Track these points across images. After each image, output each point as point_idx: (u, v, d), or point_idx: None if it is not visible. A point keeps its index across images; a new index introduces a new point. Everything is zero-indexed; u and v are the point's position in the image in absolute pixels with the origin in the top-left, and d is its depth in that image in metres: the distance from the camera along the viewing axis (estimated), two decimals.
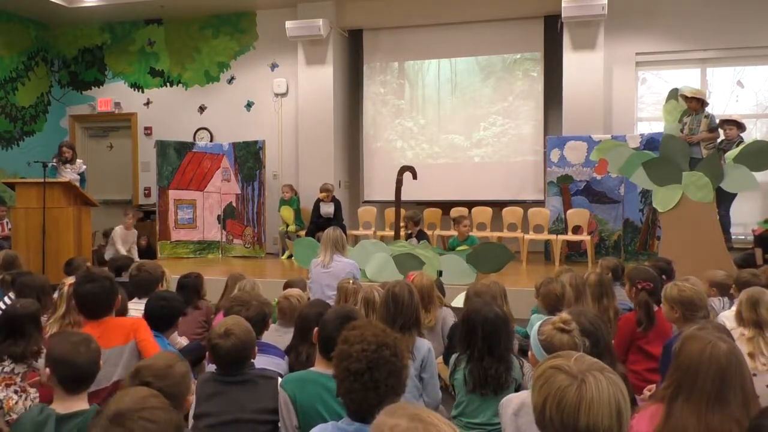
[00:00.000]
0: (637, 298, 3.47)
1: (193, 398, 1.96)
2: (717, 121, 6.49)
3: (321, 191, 8.38)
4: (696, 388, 1.81)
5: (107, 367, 2.63)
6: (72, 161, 7.80)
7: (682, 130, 6.33)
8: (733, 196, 6.66)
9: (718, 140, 6.58)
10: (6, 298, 3.94)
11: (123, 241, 8.12)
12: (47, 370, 2.16)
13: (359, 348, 1.78)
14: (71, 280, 3.66)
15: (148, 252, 8.61)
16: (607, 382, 1.30)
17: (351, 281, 3.97)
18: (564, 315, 2.19)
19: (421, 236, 7.14)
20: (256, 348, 2.56)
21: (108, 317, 2.91)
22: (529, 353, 2.21)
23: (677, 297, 3.00)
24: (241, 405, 2.34)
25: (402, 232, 7.36)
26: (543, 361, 1.43)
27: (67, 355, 2.14)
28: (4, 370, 2.77)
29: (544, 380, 1.35)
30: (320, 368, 2.37)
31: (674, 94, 6.51)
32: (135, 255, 7.98)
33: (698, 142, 6.26)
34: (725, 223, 6.75)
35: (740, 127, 6.79)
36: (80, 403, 2.13)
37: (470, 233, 7.19)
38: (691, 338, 1.91)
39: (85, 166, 8.02)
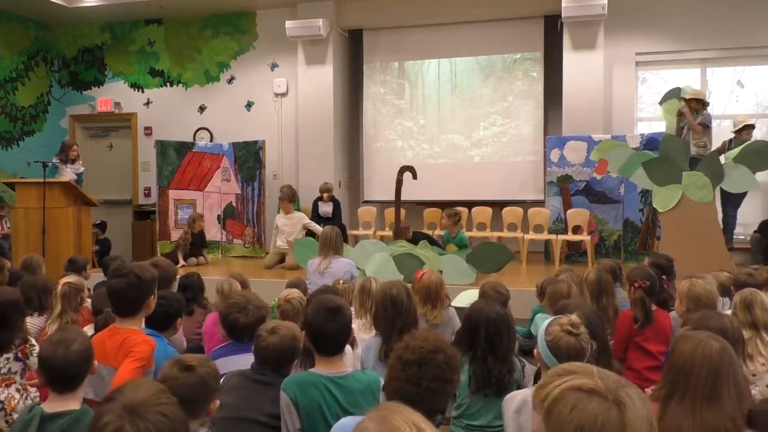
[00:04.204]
0: (633, 296, 3.49)
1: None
2: (711, 120, 6.53)
3: (320, 191, 8.39)
4: (690, 387, 1.82)
5: (104, 386, 2.46)
6: (75, 161, 7.87)
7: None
8: (741, 197, 6.64)
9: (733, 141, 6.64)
10: None
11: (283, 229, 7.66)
12: (36, 367, 2.17)
13: (417, 344, 1.88)
14: (66, 279, 3.66)
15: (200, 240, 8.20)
16: (639, 399, 1.18)
17: (341, 281, 3.99)
18: (573, 317, 2.15)
19: (417, 238, 7.11)
20: (297, 361, 2.54)
21: (130, 327, 2.60)
22: (535, 351, 2.19)
23: (686, 291, 3.15)
24: (258, 406, 2.31)
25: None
26: (554, 379, 1.23)
27: (45, 354, 2.11)
28: (1, 371, 2.76)
29: (572, 406, 1.16)
30: (321, 369, 2.34)
31: (674, 93, 6.51)
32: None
33: (690, 138, 6.30)
34: (730, 224, 6.73)
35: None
36: (70, 403, 2.08)
37: (461, 231, 7.19)
38: (684, 338, 1.94)
39: (83, 168, 8.04)
